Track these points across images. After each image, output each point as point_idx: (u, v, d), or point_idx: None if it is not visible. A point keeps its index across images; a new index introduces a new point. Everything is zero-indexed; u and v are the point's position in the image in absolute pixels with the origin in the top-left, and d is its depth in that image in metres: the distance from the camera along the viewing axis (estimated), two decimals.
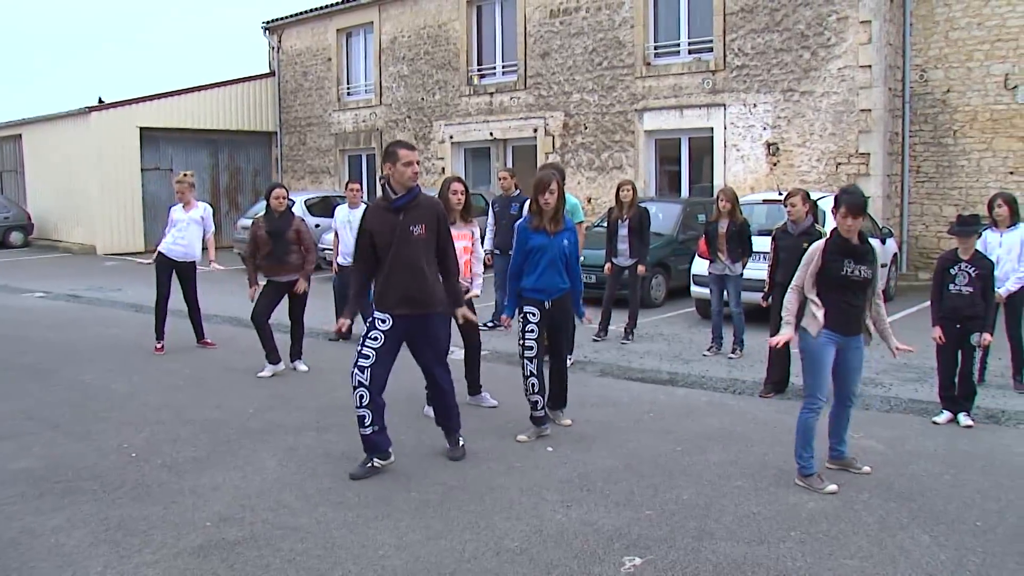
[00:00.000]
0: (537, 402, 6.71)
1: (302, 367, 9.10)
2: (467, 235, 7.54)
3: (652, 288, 13.04)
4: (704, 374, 8.80)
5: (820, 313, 5.61)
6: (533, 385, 6.67)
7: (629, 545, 4.67)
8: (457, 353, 8.07)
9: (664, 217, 13.85)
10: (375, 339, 5.74)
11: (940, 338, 7.06)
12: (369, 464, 5.83)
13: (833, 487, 5.52)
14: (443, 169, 21.89)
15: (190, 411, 7.43)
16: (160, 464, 6.03)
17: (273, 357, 8.91)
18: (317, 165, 25.39)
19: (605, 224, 10.91)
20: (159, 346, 10.13)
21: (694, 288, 11.91)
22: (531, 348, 6.64)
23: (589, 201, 18.78)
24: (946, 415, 7.11)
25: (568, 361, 9.01)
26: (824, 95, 15.93)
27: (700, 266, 11.82)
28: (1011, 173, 15.07)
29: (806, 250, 7.77)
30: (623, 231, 10.46)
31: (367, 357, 5.71)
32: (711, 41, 17.25)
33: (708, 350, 9.90)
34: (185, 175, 10.40)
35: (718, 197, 9.99)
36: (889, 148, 15.84)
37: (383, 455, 5.87)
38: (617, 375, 8.88)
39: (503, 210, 10.93)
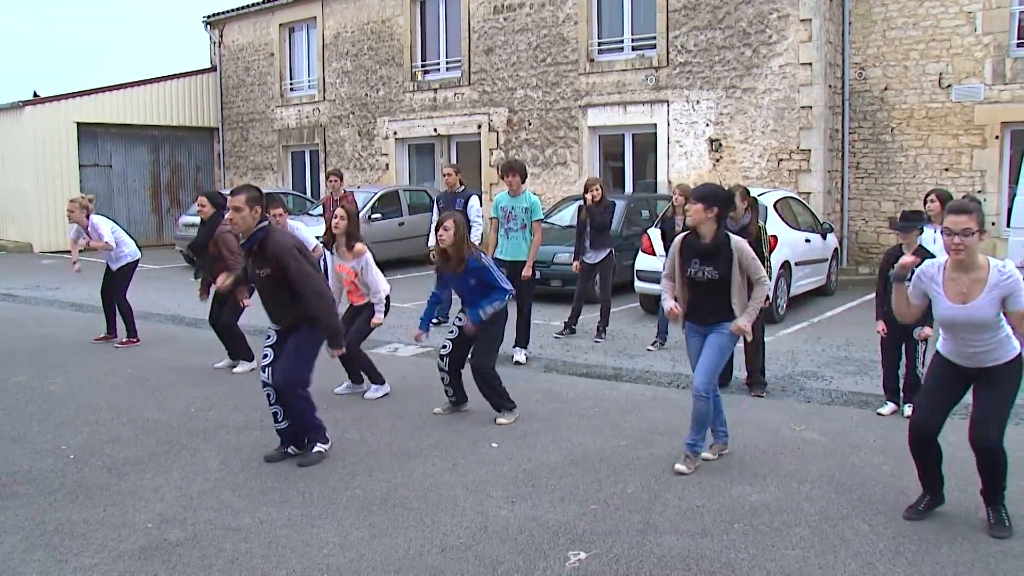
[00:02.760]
0: (447, 391, 7.18)
1: (241, 368, 8.94)
2: (347, 268, 7.66)
3: (595, 284, 13.08)
4: (648, 369, 8.87)
5: (667, 305, 5.90)
6: (443, 379, 7.13)
7: (574, 540, 4.70)
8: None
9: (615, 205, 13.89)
10: (269, 339, 6.03)
11: (883, 331, 7.18)
12: (285, 450, 6.05)
13: (707, 455, 5.94)
14: (387, 165, 21.80)
15: (131, 411, 7.32)
16: (100, 465, 5.93)
17: (248, 354, 8.85)
18: (260, 161, 25.12)
19: (553, 221, 10.93)
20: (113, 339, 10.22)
21: (638, 284, 12.00)
22: (444, 346, 7.05)
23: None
24: (890, 406, 7.26)
25: (523, 356, 9.12)
26: (766, 92, 16.15)
27: (644, 262, 11.93)
28: (946, 170, 15.40)
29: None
30: (589, 229, 10.50)
31: (266, 356, 5.98)
32: (654, 38, 17.39)
33: (652, 345, 9.98)
34: (73, 200, 10.20)
35: (673, 193, 10.06)
36: (829, 144, 16.11)
37: (299, 444, 6.09)
38: (562, 371, 8.92)
39: (447, 206, 10.91)
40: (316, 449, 6.00)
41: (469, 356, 7.00)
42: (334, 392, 7.81)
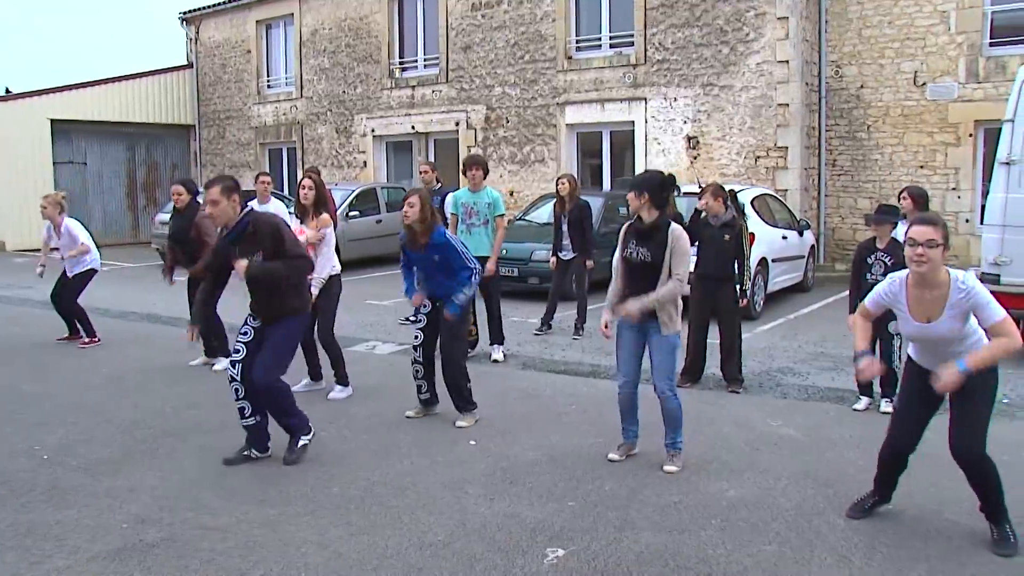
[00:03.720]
0: (420, 386, 7.04)
1: (219, 365, 8.90)
2: (313, 232, 7.60)
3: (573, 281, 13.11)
4: None
5: (607, 316, 5.95)
6: (416, 372, 7.02)
7: (552, 537, 4.70)
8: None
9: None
10: (245, 334, 5.89)
11: None
12: (246, 452, 5.96)
13: (613, 455, 5.97)
14: (364, 163, 21.75)
15: (106, 411, 7.26)
16: (74, 466, 5.87)
17: (226, 350, 8.80)
18: (237, 159, 24.99)
19: (529, 218, 10.94)
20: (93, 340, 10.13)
21: None
22: (415, 337, 7.00)
23: (511, 194, 18.84)
24: (865, 401, 7.31)
25: (501, 354, 9.09)
26: (743, 89, 16.22)
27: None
28: (921, 167, 15.52)
29: (727, 242, 7.93)
30: (564, 225, 10.52)
31: (238, 352, 5.86)
32: (632, 35, 17.43)
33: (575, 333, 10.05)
34: (47, 196, 10.13)
35: None
36: (806, 142, 16.20)
37: (261, 448, 5.99)
38: (539, 368, 8.93)
39: None
40: (301, 443, 5.92)
41: (440, 347, 6.96)
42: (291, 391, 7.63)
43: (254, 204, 10.34)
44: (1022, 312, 8.72)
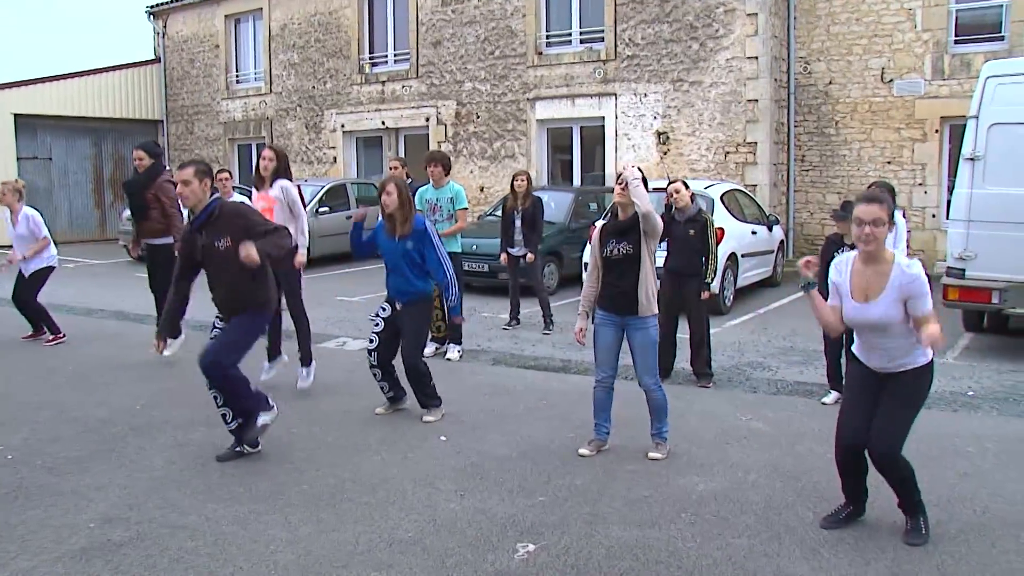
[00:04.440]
0: (383, 387, 7.02)
1: (168, 350, 8.76)
2: (268, 197, 7.72)
3: (545, 277, 13.12)
4: None
5: (581, 323, 6.03)
6: (375, 375, 6.99)
7: (523, 532, 4.71)
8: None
9: (556, 206, 13.97)
10: (216, 327, 5.88)
11: None
12: (238, 448, 5.93)
13: (584, 451, 5.98)
14: (334, 159, 21.65)
15: (73, 409, 7.17)
16: (40, 465, 5.80)
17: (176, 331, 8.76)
18: (206, 155, 24.75)
19: (499, 213, 10.93)
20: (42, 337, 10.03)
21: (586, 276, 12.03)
22: (370, 341, 6.97)
23: (482, 190, 18.83)
24: (834, 395, 7.36)
25: (456, 353, 9.05)
26: (712, 85, 16.29)
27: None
28: (889, 162, 15.67)
29: (692, 237, 7.96)
30: (518, 222, 10.51)
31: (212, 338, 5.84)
32: (602, 31, 17.46)
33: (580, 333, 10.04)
34: (4, 183, 9.96)
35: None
36: (775, 137, 16.30)
37: (253, 444, 5.98)
38: (510, 363, 8.93)
39: None
40: (261, 421, 5.80)
41: (400, 351, 6.93)
42: (260, 380, 7.55)
43: None
44: (986, 306, 8.87)
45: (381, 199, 6.74)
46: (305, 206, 10.83)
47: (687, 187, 8.14)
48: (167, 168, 8.91)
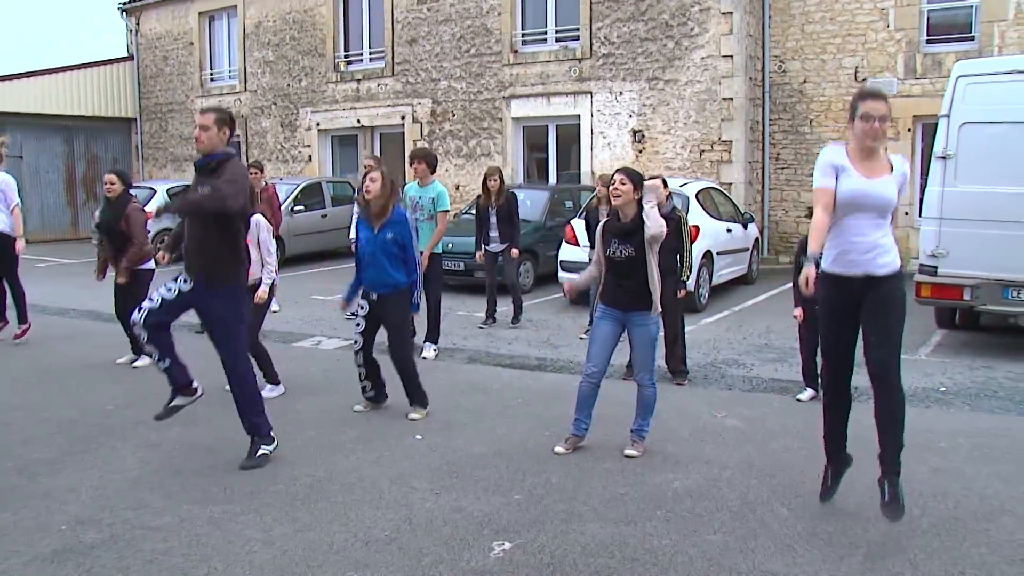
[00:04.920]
0: (364, 387, 7.03)
1: (140, 362, 8.71)
2: None
3: (520, 275, 13.13)
4: (573, 359, 8.92)
5: (575, 280, 6.13)
6: (360, 374, 6.99)
7: (499, 530, 4.71)
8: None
9: (531, 204, 13.97)
10: (169, 289, 5.60)
11: (801, 318, 7.29)
12: (172, 405, 5.84)
13: (559, 448, 5.99)
14: (309, 157, 21.56)
15: (45, 410, 7.10)
16: (10, 467, 5.73)
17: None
18: (180, 153, 24.60)
19: (474, 212, 10.92)
20: None
21: (562, 274, 12.06)
22: (355, 342, 6.94)
23: (457, 188, 18.81)
24: (809, 392, 7.41)
25: (432, 352, 9.02)
26: (688, 84, 16.35)
27: (568, 252, 12.00)
28: None
29: (666, 235, 7.95)
30: (492, 219, 10.52)
31: (151, 300, 5.63)
32: (578, 29, 17.49)
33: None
34: None
35: (596, 184, 10.13)
36: (750, 136, 16.39)
37: (187, 386, 5.82)
38: (486, 362, 8.93)
39: None
40: (261, 452, 5.73)
41: (388, 348, 6.93)
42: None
43: None
44: (958, 303, 8.95)
45: (364, 185, 6.70)
46: (280, 206, 10.78)
47: (665, 185, 8.15)
48: (134, 196, 8.75)
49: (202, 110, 5.71)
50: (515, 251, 10.50)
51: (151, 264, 8.58)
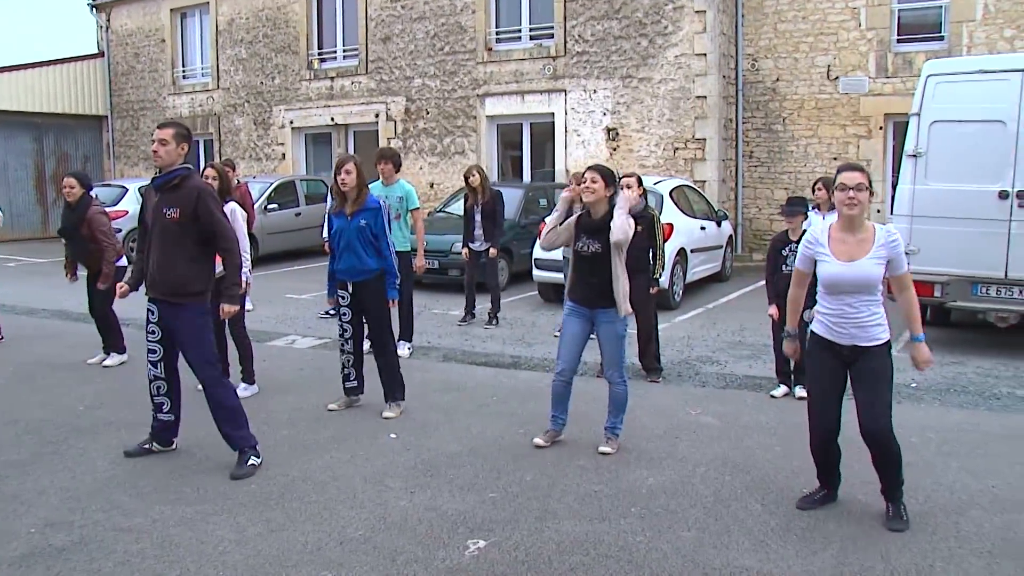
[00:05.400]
0: (348, 374, 7.04)
1: (110, 361, 8.65)
2: None
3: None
4: (547, 356, 8.91)
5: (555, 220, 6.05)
6: (346, 361, 6.99)
7: (473, 528, 4.71)
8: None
9: (506, 202, 13.91)
10: (153, 334, 5.70)
11: (775, 316, 7.33)
12: (147, 446, 5.90)
13: (539, 440, 6.06)
14: (283, 155, 21.44)
15: (13, 411, 7.02)
16: None
17: (120, 346, 8.65)
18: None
19: (449, 211, 10.90)
20: None
21: (536, 272, 12.07)
22: (344, 329, 6.96)
23: (431, 186, 18.79)
24: (782, 389, 7.46)
25: (407, 350, 8.99)
26: (662, 82, 16.40)
27: (542, 250, 11.99)
28: (835, 159, 15.88)
29: (639, 233, 7.93)
30: (478, 216, 10.52)
31: (154, 352, 5.72)
32: (552, 27, 17.50)
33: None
34: None
35: (570, 181, 10.11)
36: (724, 134, 16.46)
37: (164, 443, 5.95)
38: (460, 360, 8.92)
39: None
40: (250, 463, 5.62)
41: (370, 345, 6.92)
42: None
43: None
44: (929, 300, 9.02)
45: (338, 179, 6.70)
46: (253, 205, 10.67)
47: (640, 184, 8.16)
48: (95, 197, 8.65)
49: (160, 124, 5.63)
50: (492, 251, 10.49)
51: (123, 261, 8.50)
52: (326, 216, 7.45)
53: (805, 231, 7.18)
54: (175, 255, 5.50)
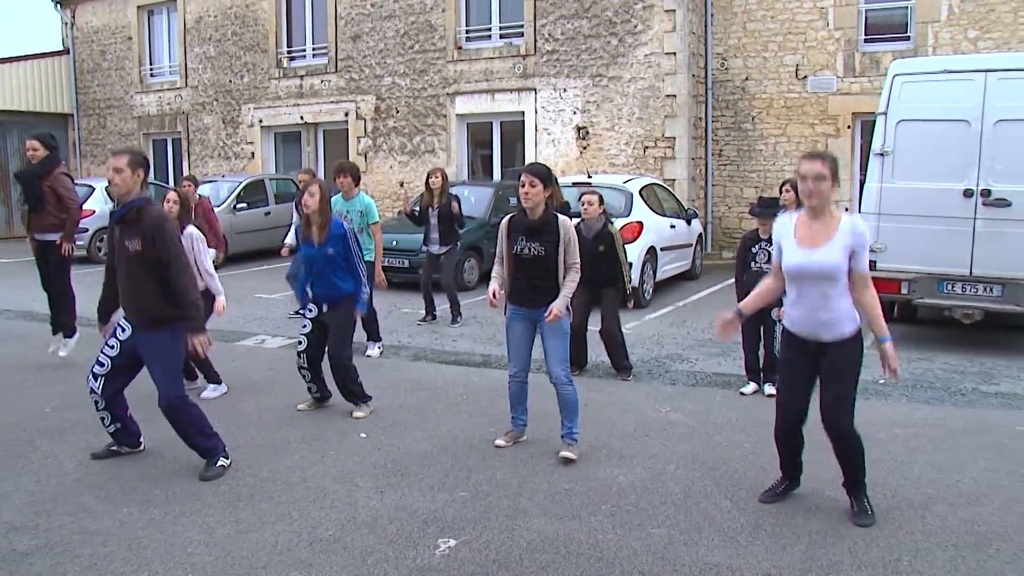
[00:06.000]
0: (310, 388, 7.02)
1: (64, 350, 8.57)
2: None
3: (465, 271, 13.13)
4: None
5: (490, 289, 6.01)
6: (304, 376, 6.96)
7: (444, 527, 4.70)
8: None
9: (476, 201, 13.95)
10: (112, 348, 5.59)
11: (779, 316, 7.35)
12: (114, 448, 5.87)
13: (500, 441, 6.08)
14: (252, 154, 21.30)
15: None
16: None
17: (72, 328, 8.62)
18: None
19: (417, 210, 10.85)
20: None
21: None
22: (300, 342, 6.90)
23: (402, 185, 18.76)
24: (752, 386, 7.51)
25: (377, 350, 8.98)
26: (631, 80, 16.45)
27: None
28: None
29: (601, 252, 7.86)
30: (433, 219, 10.48)
31: (102, 366, 5.60)
32: (522, 26, 17.50)
33: None
34: None
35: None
36: (693, 132, 16.53)
37: (132, 444, 5.92)
38: (431, 359, 8.90)
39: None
40: (219, 464, 5.57)
41: (327, 348, 6.89)
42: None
43: None
44: (895, 296, 9.13)
45: (302, 199, 6.69)
46: (217, 219, 10.51)
47: (601, 202, 8.07)
48: (62, 161, 8.52)
49: (114, 151, 5.53)
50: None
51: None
52: (293, 225, 7.39)
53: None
54: (145, 287, 5.41)
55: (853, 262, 4.60)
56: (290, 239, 9.67)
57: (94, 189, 17.94)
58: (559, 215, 5.78)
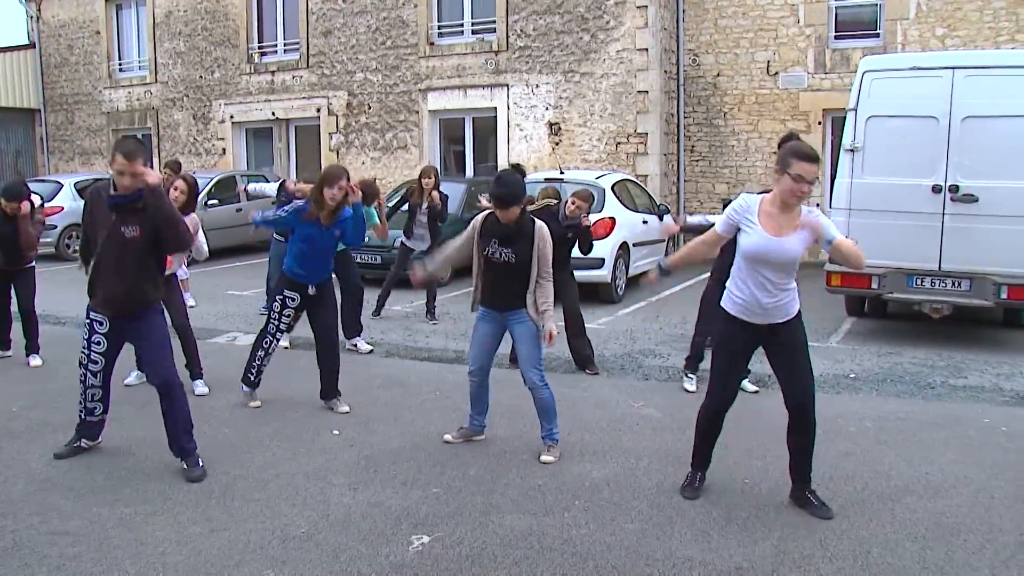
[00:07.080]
0: (260, 368, 7.03)
1: (35, 362, 8.51)
2: None
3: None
4: None
5: (431, 267, 6.15)
6: (266, 361, 7.02)
7: (417, 524, 4.70)
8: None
9: (449, 197, 13.88)
10: (98, 344, 5.53)
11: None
12: (77, 444, 5.84)
13: (448, 436, 6.09)
14: (223, 150, 21.14)
15: None
16: None
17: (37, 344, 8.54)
18: (88, 146, 23.88)
19: (406, 204, 10.81)
20: None
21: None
22: (278, 327, 6.97)
23: (375, 181, 18.63)
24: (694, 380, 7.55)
25: (366, 346, 8.96)
26: (604, 76, 16.48)
27: None
28: (775, 153, 16.00)
29: (570, 240, 7.91)
30: (422, 217, 10.49)
31: (96, 363, 5.57)
32: (494, 22, 17.48)
33: None
34: None
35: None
36: (665, 128, 16.59)
37: (92, 437, 5.91)
38: (403, 355, 8.88)
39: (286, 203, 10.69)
40: (200, 463, 5.51)
41: (319, 338, 6.89)
42: (124, 384, 7.30)
43: None
44: (867, 292, 9.21)
45: (326, 190, 6.52)
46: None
47: (591, 202, 8.19)
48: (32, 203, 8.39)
49: (125, 152, 5.20)
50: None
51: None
52: (281, 207, 7.31)
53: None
54: (137, 274, 5.36)
55: (826, 237, 4.54)
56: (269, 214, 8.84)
57: (62, 186, 17.70)
58: (536, 220, 5.69)
